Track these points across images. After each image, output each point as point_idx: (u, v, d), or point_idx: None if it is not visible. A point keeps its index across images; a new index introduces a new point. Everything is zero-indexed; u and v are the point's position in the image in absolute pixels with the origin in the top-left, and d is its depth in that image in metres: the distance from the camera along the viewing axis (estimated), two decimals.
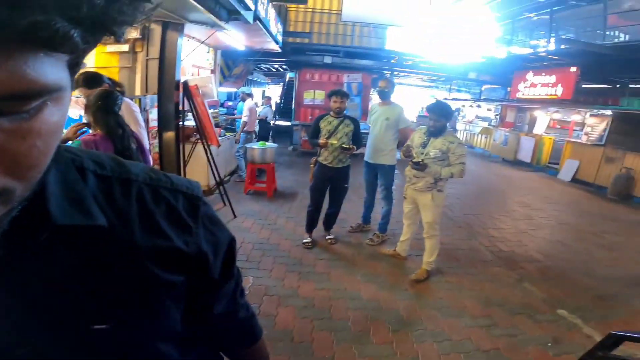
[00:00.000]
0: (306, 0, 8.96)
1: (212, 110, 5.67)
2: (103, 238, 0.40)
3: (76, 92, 2.58)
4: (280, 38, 7.60)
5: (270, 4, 6.05)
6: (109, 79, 2.81)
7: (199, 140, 4.63)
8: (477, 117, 16.83)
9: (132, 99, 3.42)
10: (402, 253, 3.80)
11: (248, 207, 5.13)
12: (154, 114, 4.52)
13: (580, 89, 9.39)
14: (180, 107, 4.56)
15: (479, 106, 15.89)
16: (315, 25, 10.04)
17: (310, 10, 9.91)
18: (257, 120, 8.36)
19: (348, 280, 3.33)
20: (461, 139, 14.74)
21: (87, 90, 2.46)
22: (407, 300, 3.09)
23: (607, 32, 8.00)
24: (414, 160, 3.33)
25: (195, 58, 6.19)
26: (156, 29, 4.39)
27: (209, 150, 4.67)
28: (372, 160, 4.22)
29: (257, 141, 6.59)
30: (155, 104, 4.53)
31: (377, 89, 4.44)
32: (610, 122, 8.51)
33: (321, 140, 3.80)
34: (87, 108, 2.21)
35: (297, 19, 9.99)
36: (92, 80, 2.57)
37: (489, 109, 16.29)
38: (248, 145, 5.85)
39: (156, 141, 4.53)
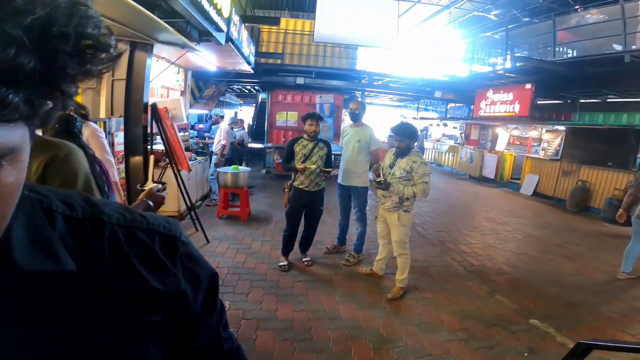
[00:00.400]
0: (279, 22, 9.13)
1: (182, 134, 5.57)
2: (74, 281, 0.39)
3: None
4: (252, 59, 7.65)
5: (243, 25, 6.09)
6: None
7: (169, 165, 4.50)
8: (444, 135, 17.47)
9: (96, 122, 3.29)
10: (378, 272, 3.82)
11: (222, 231, 5.01)
12: (120, 138, 4.37)
13: (536, 105, 9.91)
14: (149, 131, 4.43)
15: (445, 125, 16.51)
16: (288, 46, 10.19)
17: (283, 31, 10.07)
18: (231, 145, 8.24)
19: (326, 301, 3.29)
20: (429, 157, 15.40)
21: None
22: (386, 318, 3.08)
23: (557, 49, 8.49)
24: (377, 180, 3.40)
25: (165, 79, 6.11)
26: (124, 49, 4.29)
27: (179, 175, 4.53)
28: (345, 182, 4.24)
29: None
30: (122, 127, 4.38)
31: (349, 110, 4.53)
32: (564, 137, 9.01)
33: (299, 165, 3.75)
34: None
35: (270, 39, 10.12)
36: None
37: (454, 127, 16.96)
38: (220, 170, 5.75)
39: (123, 166, 4.36)
